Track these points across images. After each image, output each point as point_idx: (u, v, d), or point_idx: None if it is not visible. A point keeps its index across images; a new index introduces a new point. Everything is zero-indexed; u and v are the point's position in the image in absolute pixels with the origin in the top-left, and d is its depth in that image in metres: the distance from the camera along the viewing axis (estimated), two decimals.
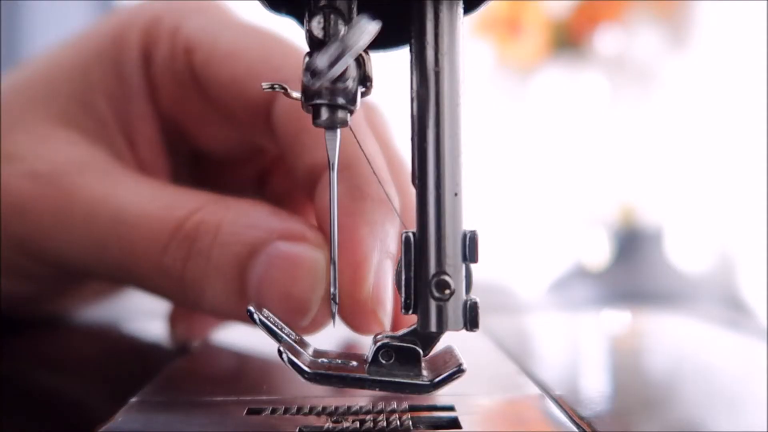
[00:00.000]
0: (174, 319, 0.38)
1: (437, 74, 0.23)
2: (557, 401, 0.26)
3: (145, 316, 0.46)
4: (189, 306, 0.34)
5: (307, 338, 0.27)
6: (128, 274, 0.32)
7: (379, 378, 0.24)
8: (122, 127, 0.36)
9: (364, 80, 0.24)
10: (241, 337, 0.38)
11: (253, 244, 0.28)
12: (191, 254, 0.30)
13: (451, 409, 0.25)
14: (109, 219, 0.31)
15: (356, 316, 0.28)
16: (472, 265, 0.24)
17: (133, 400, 0.26)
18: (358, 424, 0.23)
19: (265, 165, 0.40)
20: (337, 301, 0.26)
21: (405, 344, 0.24)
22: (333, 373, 0.24)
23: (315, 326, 0.29)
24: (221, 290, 0.29)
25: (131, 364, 0.37)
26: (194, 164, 0.40)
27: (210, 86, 0.35)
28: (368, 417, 0.23)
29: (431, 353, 0.25)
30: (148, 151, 0.37)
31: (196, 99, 0.36)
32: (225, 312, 0.30)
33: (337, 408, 0.24)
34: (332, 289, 0.25)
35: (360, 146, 0.27)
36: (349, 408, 0.24)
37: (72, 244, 0.33)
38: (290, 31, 0.30)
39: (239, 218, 0.29)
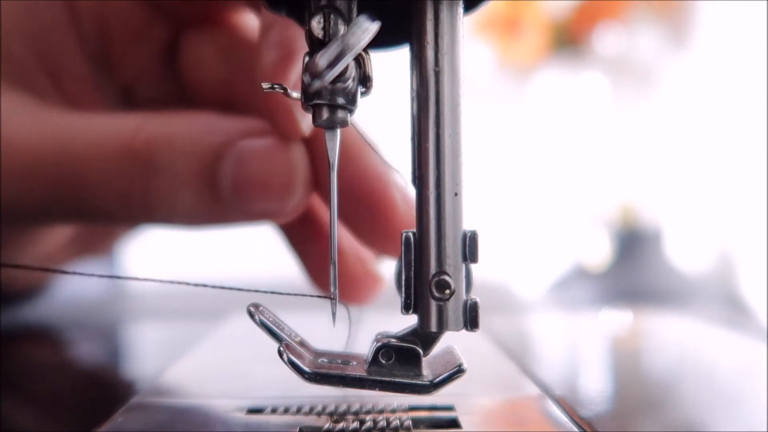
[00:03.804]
0: None
1: (437, 74, 0.23)
2: (557, 401, 0.26)
3: (145, 317, 0.46)
4: (157, 223, 0.33)
5: (307, 338, 0.26)
6: (86, 209, 0.31)
7: (379, 378, 0.24)
8: (43, 64, 0.35)
9: (364, 80, 0.24)
10: (240, 336, 0.38)
11: (216, 149, 0.29)
12: (151, 172, 0.29)
13: (451, 409, 0.25)
14: (53, 157, 0.31)
15: (271, 107, 0.29)
16: (472, 265, 0.24)
17: (133, 400, 0.26)
18: (358, 424, 0.23)
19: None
20: (337, 299, 0.25)
21: (405, 344, 0.24)
22: (333, 373, 0.24)
23: (297, 210, 0.30)
24: (192, 199, 0.29)
25: (131, 364, 0.37)
26: (128, 104, 0.38)
27: None
28: (368, 417, 0.23)
29: (431, 353, 0.25)
30: (75, 87, 0.36)
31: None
32: (199, 219, 0.31)
33: (337, 408, 0.24)
34: (332, 288, 0.25)
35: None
36: (349, 408, 0.24)
37: (21, 193, 0.32)
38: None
39: (191, 127, 0.30)
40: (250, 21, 0.37)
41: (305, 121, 0.28)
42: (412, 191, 0.29)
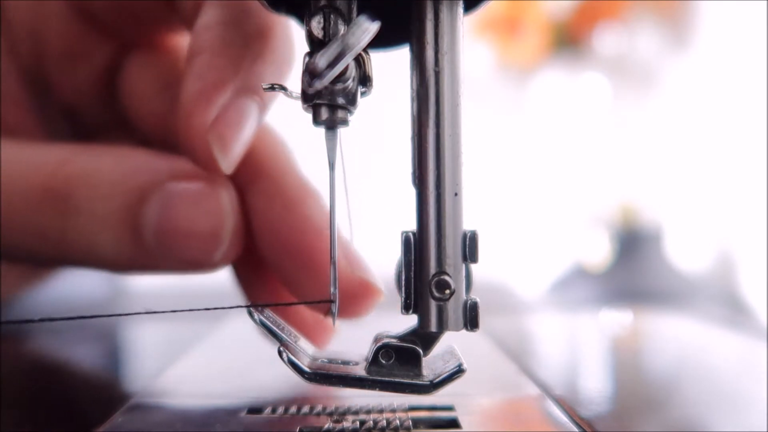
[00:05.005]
0: None
1: (437, 74, 0.23)
2: (557, 401, 0.26)
3: (145, 317, 0.46)
4: (77, 267, 0.31)
5: (307, 338, 0.27)
6: (8, 246, 0.30)
7: (379, 378, 0.24)
8: None
9: (364, 80, 0.24)
10: (240, 336, 0.38)
11: (141, 189, 0.28)
12: (69, 211, 0.28)
13: (451, 409, 0.25)
14: None
15: (189, 144, 0.27)
16: (472, 265, 0.24)
17: (133, 400, 0.26)
18: (358, 424, 0.23)
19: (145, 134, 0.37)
20: (337, 301, 0.25)
21: (405, 344, 0.24)
22: (333, 373, 0.24)
23: (226, 260, 0.28)
24: (112, 243, 0.28)
25: (131, 364, 0.37)
26: (70, 126, 0.37)
27: None
28: (368, 417, 0.23)
29: (431, 353, 0.25)
30: (11, 112, 0.34)
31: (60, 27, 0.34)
32: (121, 265, 0.29)
33: (337, 408, 0.24)
34: (332, 289, 0.25)
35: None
36: (349, 408, 0.24)
37: None
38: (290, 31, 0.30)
39: (117, 165, 0.28)
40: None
41: (226, 160, 0.26)
42: (356, 247, 0.28)
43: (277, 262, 0.29)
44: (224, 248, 0.28)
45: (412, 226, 0.24)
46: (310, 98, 0.23)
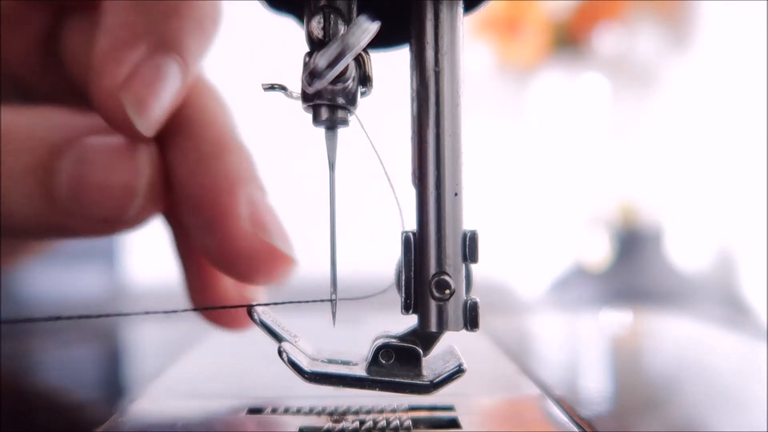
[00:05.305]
0: None
1: (437, 74, 0.23)
2: (557, 401, 0.26)
3: (145, 317, 0.46)
4: None
5: (307, 338, 0.26)
6: None
7: (379, 378, 0.24)
8: None
9: (364, 80, 0.24)
10: (240, 336, 0.38)
11: (56, 145, 0.27)
12: None
13: (450, 409, 0.25)
14: None
15: (101, 105, 0.25)
16: (472, 265, 0.24)
17: (133, 400, 0.26)
18: (358, 424, 0.23)
19: None
20: (336, 300, 0.25)
21: (405, 344, 0.24)
22: (333, 372, 0.24)
23: (142, 217, 0.27)
24: (24, 200, 0.27)
25: (131, 364, 0.37)
26: (20, 96, 0.35)
27: None
28: (368, 417, 0.23)
29: (431, 353, 0.25)
30: None
31: None
32: (32, 224, 0.28)
33: (337, 408, 0.24)
34: (332, 289, 0.25)
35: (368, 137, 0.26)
36: (349, 408, 0.24)
37: None
38: (290, 31, 0.30)
39: (33, 121, 0.28)
40: None
41: (143, 122, 0.25)
42: (274, 208, 0.27)
43: (184, 219, 0.28)
44: (139, 203, 0.27)
45: (412, 226, 0.24)
46: (310, 98, 0.23)
